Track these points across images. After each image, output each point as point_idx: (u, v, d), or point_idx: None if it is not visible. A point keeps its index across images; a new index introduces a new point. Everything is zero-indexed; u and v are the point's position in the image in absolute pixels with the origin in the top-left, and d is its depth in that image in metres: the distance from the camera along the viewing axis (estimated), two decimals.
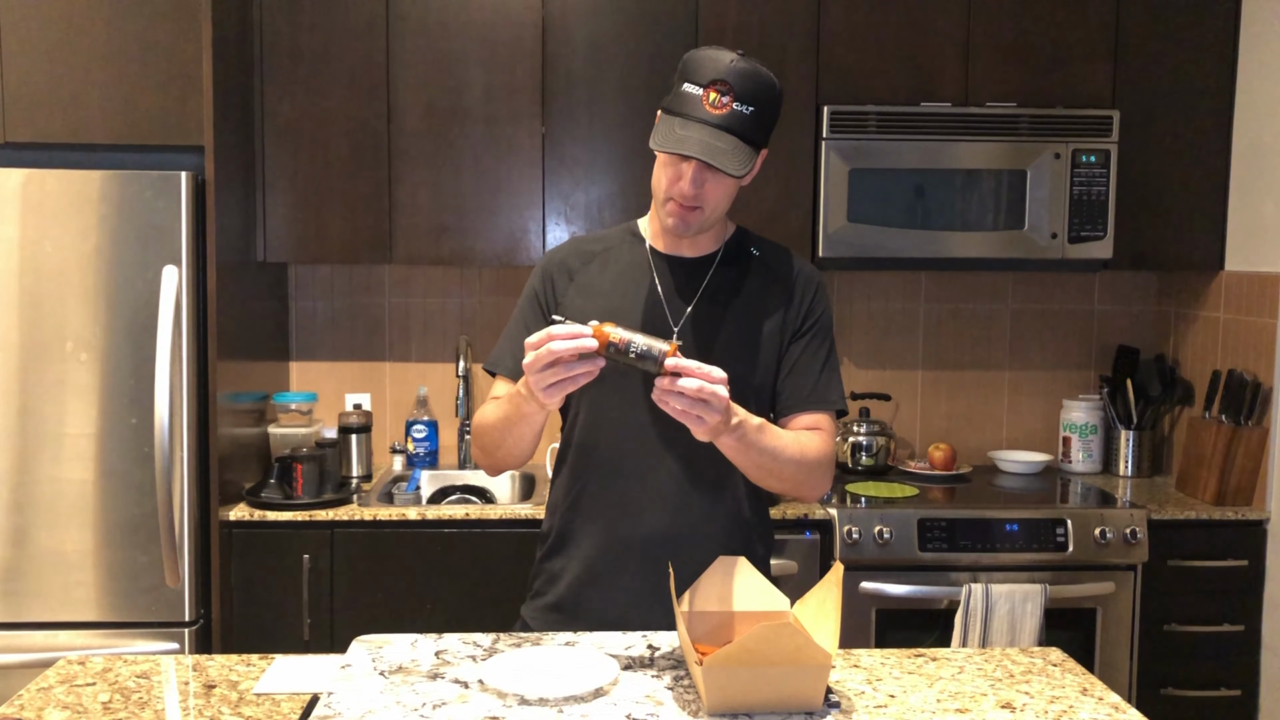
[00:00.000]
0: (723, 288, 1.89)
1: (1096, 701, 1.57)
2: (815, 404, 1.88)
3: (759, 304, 1.89)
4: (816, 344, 1.90)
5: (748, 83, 1.72)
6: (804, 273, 1.93)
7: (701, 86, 1.72)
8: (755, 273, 1.91)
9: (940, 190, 3.08)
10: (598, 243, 1.96)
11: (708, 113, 1.71)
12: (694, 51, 1.77)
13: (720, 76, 1.71)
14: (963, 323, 3.55)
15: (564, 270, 1.92)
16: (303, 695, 1.60)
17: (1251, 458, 3.00)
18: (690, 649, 1.54)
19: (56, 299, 2.68)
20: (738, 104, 1.71)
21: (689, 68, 1.75)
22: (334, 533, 2.84)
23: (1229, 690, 2.98)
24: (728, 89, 1.71)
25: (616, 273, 1.91)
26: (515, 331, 1.92)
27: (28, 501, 2.70)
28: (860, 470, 3.33)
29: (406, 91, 3.05)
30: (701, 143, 1.70)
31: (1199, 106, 3.17)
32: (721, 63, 1.72)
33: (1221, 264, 3.21)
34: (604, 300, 1.87)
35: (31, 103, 2.81)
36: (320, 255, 3.10)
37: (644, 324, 1.85)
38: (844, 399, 1.92)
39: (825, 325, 1.91)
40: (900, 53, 3.11)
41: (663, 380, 1.57)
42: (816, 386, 1.88)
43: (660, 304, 1.87)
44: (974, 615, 2.80)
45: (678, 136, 1.71)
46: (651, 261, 1.90)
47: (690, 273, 1.89)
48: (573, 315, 1.84)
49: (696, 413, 1.58)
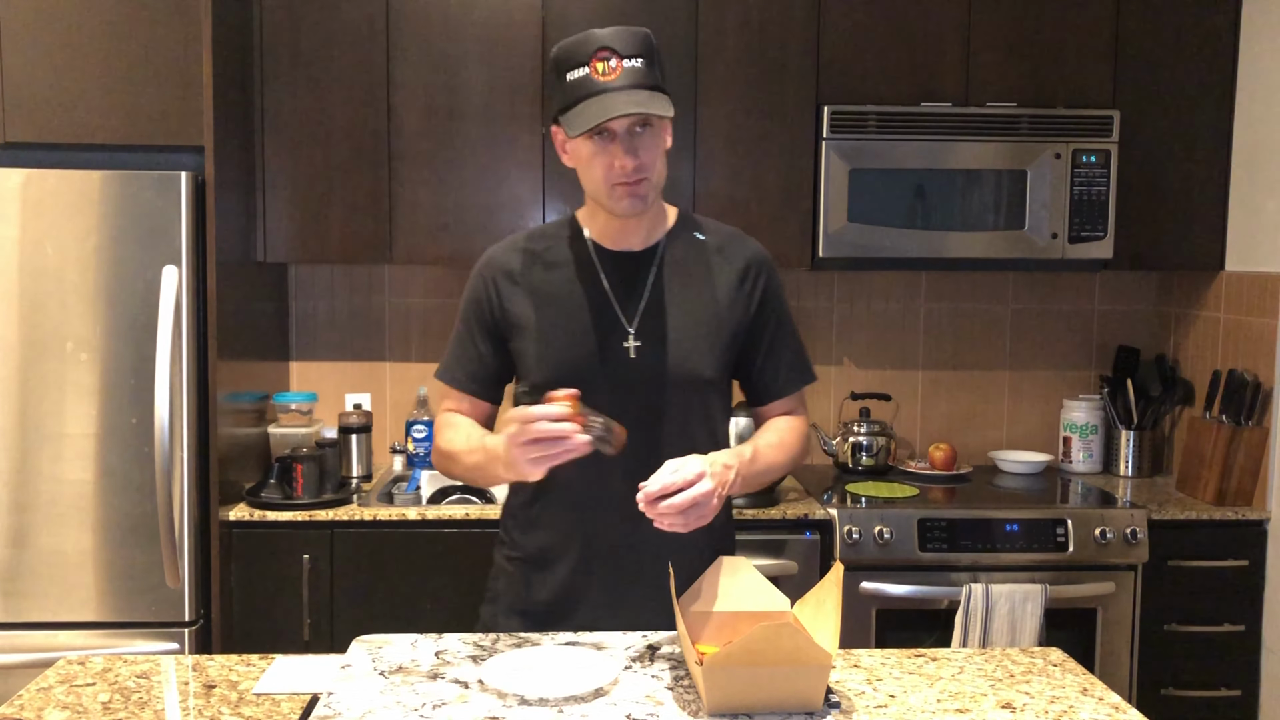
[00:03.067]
0: (673, 278, 1.85)
1: (1096, 701, 1.56)
2: (791, 386, 1.93)
3: (711, 291, 1.85)
4: (779, 326, 1.91)
5: (624, 40, 1.71)
6: (754, 254, 1.91)
7: (584, 65, 1.70)
8: (704, 258, 1.88)
9: (940, 190, 3.08)
10: (537, 241, 1.90)
11: (604, 82, 1.69)
12: (557, 46, 1.75)
13: (597, 46, 1.70)
14: (963, 323, 3.55)
15: (506, 274, 1.87)
16: (303, 695, 1.60)
17: (1251, 458, 3.00)
18: (690, 649, 1.54)
19: (56, 299, 2.68)
20: (626, 61, 1.70)
21: (562, 61, 1.73)
22: (334, 533, 2.84)
23: (1229, 690, 2.98)
24: (610, 53, 1.70)
25: (562, 273, 1.85)
26: (463, 342, 1.90)
27: (28, 501, 2.70)
28: (860, 470, 3.32)
29: (406, 91, 3.05)
30: (621, 103, 1.68)
31: (1199, 106, 3.17)
32: (590, 38, 1.71)
33: (1221, 264, 3.21)
34: (553, 303, 1.83)
35: (31, 103, 2.81)
36: (320, 255, 3.10)
37: (597, 325, 1.81)
38: (812, 368, 1.96)
39: (783, 303, 1.93)
40: (900, 53, 3.11)
41: (649, 510, 1.59)
42: (791, 370, 1.92)
43: (610, 303, 1.83)
44: (974, 615, 2.80)
45: (595, 111, 1.68)
46: (596, 258, 1.86)
47: (638, 267, 1.85)
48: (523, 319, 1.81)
49: (695, 518, 1.61)
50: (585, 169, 1.78)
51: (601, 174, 1.75)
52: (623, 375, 1.80)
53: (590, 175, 1.77)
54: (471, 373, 1.90)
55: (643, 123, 1.73)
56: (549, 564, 1.88)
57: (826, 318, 3.52)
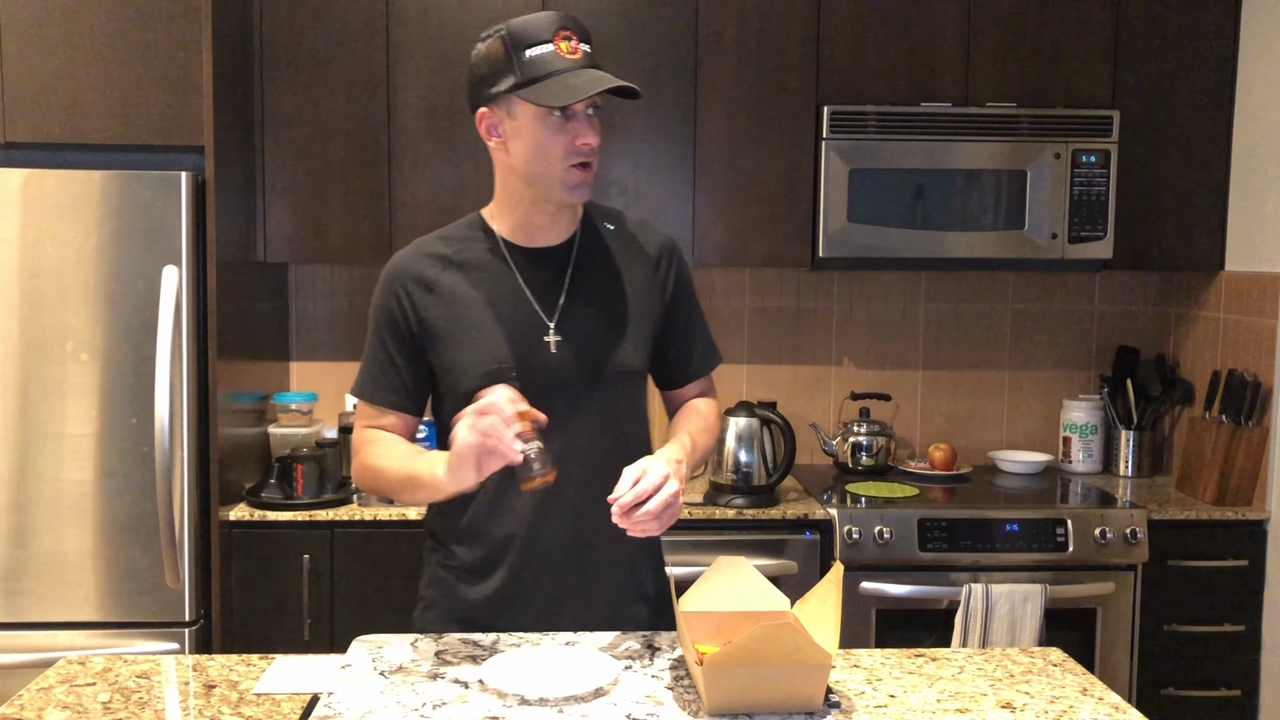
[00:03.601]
0: (589, 271, 1.83)
1: (1096, 701, 1.57)
2: (706, 369, 1.96)
3: (626, 281, 1.85)
4: (691, 310, 1.93)
5: (579, 25, 1.72)
6: (664, 243, 1.91)
7: (548, 42, 1.68)
8: (614, 248, 1.87)
9: (940, 190, 3.08)
10: (446, 244, 1.85)
11: (571, 60, 1.68)
12: (509, 24, 1.70)
13: (560, 25, 1.69)
14: (963, 323, 3.55)
15: (418, 281, 1.81)
16: (303, 695, 1.60)
17: (1251, 458, 3.00)
18: (690, 649, 1.54)
19: (57, 299, 2.68)
20: (583, 44, 1.71)
21: (520, 35, 1.68)
22: (334, 533, 2.84)
23: (1229, 690, 2.98)
24: (571, 34, 1.69)
25: (477, 276, 1.80)
26: (378, 355, 1.83)
27: (28, 501, 2.70)
28: (860, 470, 3.33)
29: (406, 91, 3.05)
30: (597, 80, 1.67)
31: (1199, 106, 3.17)
32: (549, 16, 1.69)
33: (1221, 264, 3.21)
34: (472, 306, 1.78)
35: (31, 103, 2.81)
36: (320, 255, 3.10)
37: (517, 325, 1.78)
38: (717, 349, 1.99)
39: (691, 287, 1.94)
40: (900, 53, 3.11)
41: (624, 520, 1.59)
42: (704, 354, 1.96)
43: (529, 302, 1.79)
44: (974, 615, 2.80)
45: (573, 85, 1.67)
46: (510, 257, 1.82)
47: (553, 263, 1.82)
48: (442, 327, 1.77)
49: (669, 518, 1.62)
50: (537, 150, 1.72)
51: (561, 152, 1.72)
52: (547, 373, 1.76)
53: (545, 156, 1.72)
54: (392, 387, 1.82)
55: (595, 105, 1.74)
56: (486, 570, 1.83)
57: (826, 318, 3.52)
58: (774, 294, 3.49)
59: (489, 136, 1.77)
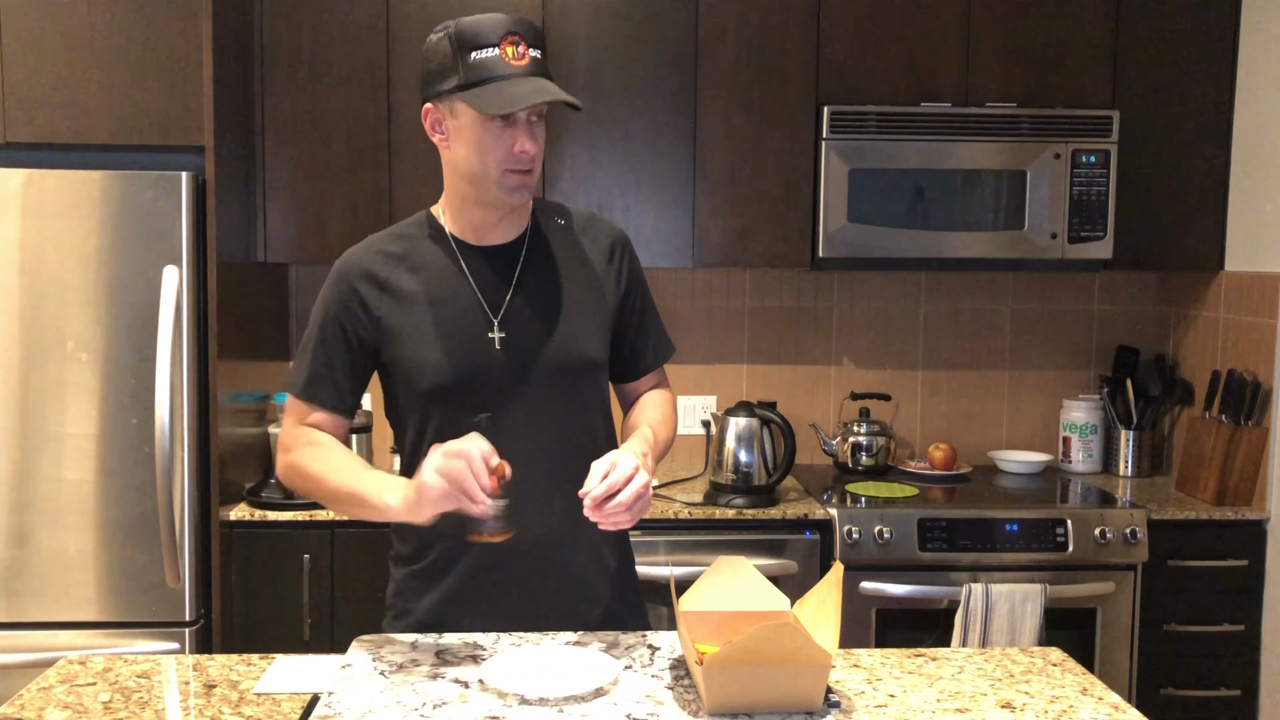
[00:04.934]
0: (539, 268, 1.83)
1: (1096, 701, 1.57)
2: (660, 360, 1.97)
3: (578, 275, 1.84)
4: (644, 302, 1.93)
5: (529, 28, 1.70)
6: (616, 233, 1.91)
7: (494, 46, 1.66)
8: (566, 243, 1.86)
9: (940, 190, 3.08)
10: (396, 242, 1.84)
11: (516, 67, 1.67)
12: (458, 23, 1.69)
13: (508, 30, 1.67)
14: (963, 323, 3.55)
15: (369, 279, 1.79)
16: (303, 695, 1.61)
17: (1251, 458, 3.00)
18: (690, 649, 1.54)
19: (57, 299, 2.68)
20: (532, 50, 1.69)
21: (467, 37, 1.67)
22: (334, 533, 2.84)
23: (1229, 690, 2.99)
24: (519, 39, 1.68)
25: (428, 275, 1.79)
26: (318, 356, 1.79)
27: (28, 501, 2.70)
28: (860, 470, 3.33)
29: (406, 91, 3.05)
30: (540, 90, 1.67)
31: (1199, 106, 3.17)
32: (498, 19, 1.68)
33: (1221, 264, 3.22)
34: (423, 306, 1.78)
35: (31, 103, 2.81)
36: (320, 255, 3.10)
37: (462, 322, 1.77)
38: (670, 341, 2.00)
39: (643, 280, 1.94)
40: (900, 53, 3.11)
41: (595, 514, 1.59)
42: (657, 346, 1.96)
43: (477, 300, 1.78)
44: (974, 615, 2.80)
45: (513, 94, 1.66)
46: (460, 255, 1.81)
47: (503, 260, 1.82)
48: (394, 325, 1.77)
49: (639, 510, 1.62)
50: (476, 152, 1.72)
51: (499, 158, 1.71)
52: (494, 370, 1.76)
53: (483, 159, 1.72)
54: (325, 386, 1.80)
55: (538, 113, 1.73)
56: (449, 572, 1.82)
57: (826, 318, 3.52)
58: (774, 294, 3.49)
59: (433, 132, 1.77)
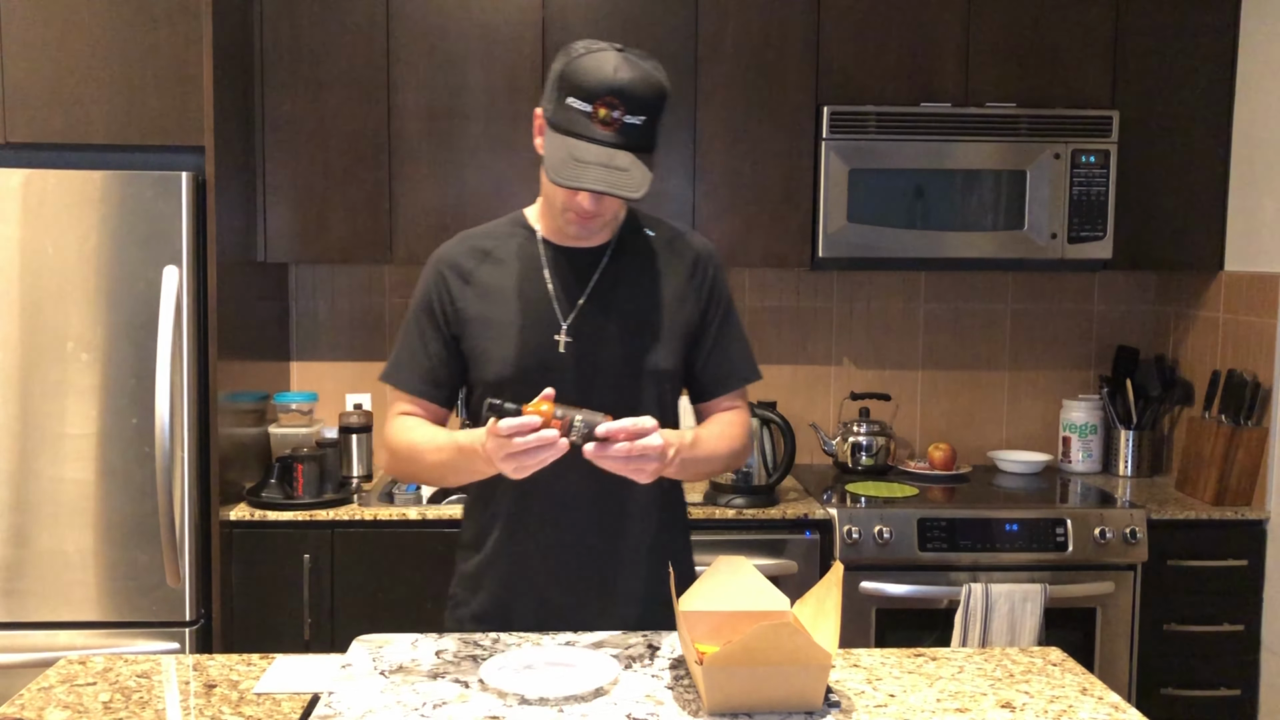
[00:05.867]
0: (619, 276, 1.84)
1: (1096, 701, 1.57)
2: (736, 383, 1.93)
3: (657, 287, 1.85)
4: (725, 322, 1.91)
5: (636, 93, 1.63)
6: (703, 252, 1.90)
7: (589, 103, 1.63)
8: (651, 255, 1.87)
9: (940, 190, 3.08)
10: (488, 239, 1.89)
11: (600, 132, 1.63)
12: (577, 60, 1.65)
13: (608, 90, 1.62)
14: (963, 323, 3.55)
15: (456, 271, 1.85)
16: (303, 695, 1.61)
17: (1251, 458, 3.01)
18: (690, 649, 1.54)
19: (57, 299, 2.68)
20: (629, 117, 1.63)
21: (571, 80, 1.64)
22: (334, 533, 2.84)
23: (1229, 690, 2.99)
24: (617, 104, 1.62)
25: (510, 270, 1.84)
26: (411, 343, 1.86)
27: (28, 501, 2.70)
28: (860, 470, 3.33)
29: (406, 91, 3.05)
30: (601, 169, 1.62)
31: (1199, 106, 3.17)
32: (606, 73, 1.62)
33: (1221, 264, 3.22)
34: (499, 302, 1.82)
35: (31, 103, 2.81)
36: (320, 255, 3.10)
37: (533, 321, 1.80)
38: (757, 367, 1.96)
39: (728, 300, 1.92)
40: (900, 53, 3.11)
41: (589, 449, 1.58)
42: (734, 367, 1.92)
43: (549, 300, 1.81)
44: (974, 615, 2.80)
45: (575, 167, 1.63)
46: (544, 256, 1.85)
47: (584, 265, 1.84)
48: (471, 317, 1.81)
49: (633, 467, 1.61)
50: (547, 179, 1.74)
51: (563, 199, 1.74)
52: (557, 372, 1.78)
53: (552, 190, 1.76)
54: (422, 375, 1.86)
55: None
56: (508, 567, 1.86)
57: (826, 318, 3.52)
58: (774, 294, 3.49)
59: (535, 135, 1.77)
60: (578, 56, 1.66)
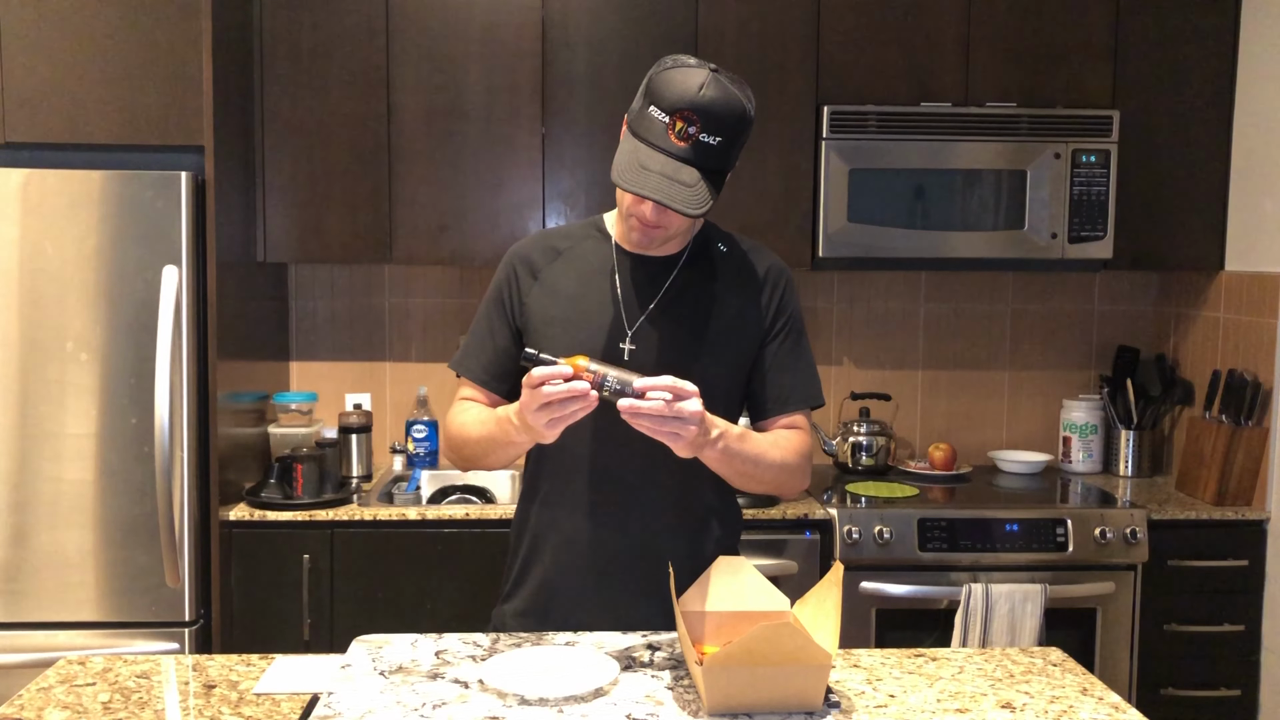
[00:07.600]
0: (687, 287, 1.85)
1: (1096, 701, 1.57)
2: (795, 405, 1.88)
3: (725, 303, 1.85)
4: (791, 342, 1.89)
5: (716, 113, 1.64)
6: (772, 269, 1.90)
7: (668, 114, 1.64)
8: (722, 270, 1.88)
9: (940, 190, 3.08)
10: (564, 239, 1.91)
11: (672, 144, 1.64)
12: (666, 71, 1.67)
13: (689, 106, 1.63)
14: (963, 323, 3.55)
15: (528, 266, 1.88)
16: (303, 695, 1.61)
17: (1251, 458, 3.00)
18: (690, 649, 1.54)
19: (56, 299, 2.68)
20: (705, 135, 1.64)
21: (658, 89, 1.66)
22: (334, 533, 2.84)
23: (1229, 690, 2.99)
24: (695, 120, 1.63)
25: (580, 272, 1.86)
26: (480, 332, 1.91)
27: (28, 501, 2.70)
28: (860, 470, 3.33)
29: (406, 91, 3.05)
30: (662, 179, 1.63)
31: (1199, 106, 3.17)
32: (690, 88, 1.63)
33: (1221, 264, 3.22)
34: (565, 301, 1.84)
35: (31, 103, 2.81)
36: (320, 255, 3.10)
37: (597, 324, 1.82)
38: (821, 393, 1.93)
39: (798, 321, 1.91)
40: (900, 53, 3.11)
41: (623, 404, 1.57)
42: (795, 387, 1.88)
43: (618, 305, 1.83)
44: (974, 615, 2.80)
45: (638, 173, 1.64)
46: (616, 260, 1.86)
47: (654, 273, 1.85)
48: (536, 313, 1.84)
49: (669, 429, 1.59)
50: None
51: (628, 202, 1.76)
52: None
53: (621, 194, 1.78)
54: (485, 364, 1.89)
55: None
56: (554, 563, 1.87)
57: (826, 318, 3.52)
58: None
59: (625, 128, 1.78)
60: (667, 68, 1.68)
